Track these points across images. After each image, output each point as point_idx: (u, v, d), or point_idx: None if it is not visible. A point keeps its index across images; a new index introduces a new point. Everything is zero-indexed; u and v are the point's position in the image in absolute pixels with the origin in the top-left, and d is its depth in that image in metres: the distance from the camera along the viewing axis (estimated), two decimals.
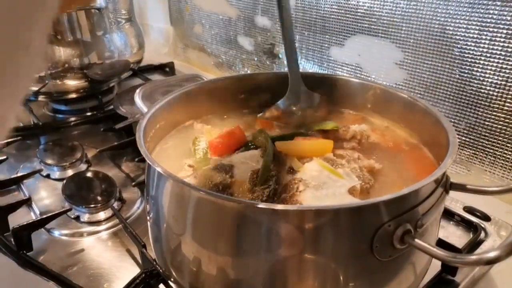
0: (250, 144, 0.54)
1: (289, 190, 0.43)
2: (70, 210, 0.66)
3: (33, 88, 0.95)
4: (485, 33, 0.65)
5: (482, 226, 0.61)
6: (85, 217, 0.67)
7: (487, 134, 0.69)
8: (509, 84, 0.64)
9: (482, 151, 0.71)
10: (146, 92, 0.63)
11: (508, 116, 0.65)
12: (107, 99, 1.08)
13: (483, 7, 0.64)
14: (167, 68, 1.31)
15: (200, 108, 0.64)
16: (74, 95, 1.02)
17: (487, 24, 0.64)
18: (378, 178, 0.50)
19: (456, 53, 0.69)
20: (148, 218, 0.49)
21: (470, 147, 0.72)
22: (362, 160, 0.51)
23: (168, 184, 0.42)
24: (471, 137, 0.71)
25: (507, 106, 0.65)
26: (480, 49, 0.66)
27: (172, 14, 1.42)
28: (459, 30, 0.68)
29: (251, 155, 0.50)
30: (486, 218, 0.63)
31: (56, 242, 0.63)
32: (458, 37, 0.68)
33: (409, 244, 0.37)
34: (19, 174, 0.77)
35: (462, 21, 0.67)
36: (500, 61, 0.64)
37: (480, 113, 0.69)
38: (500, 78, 0.65)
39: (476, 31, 0.66)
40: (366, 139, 0.56)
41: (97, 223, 0.66)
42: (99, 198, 0.69)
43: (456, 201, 0.65)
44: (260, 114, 0.63)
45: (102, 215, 0.67)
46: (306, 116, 0.62)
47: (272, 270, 0.38)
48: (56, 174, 0.78)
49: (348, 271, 0.38)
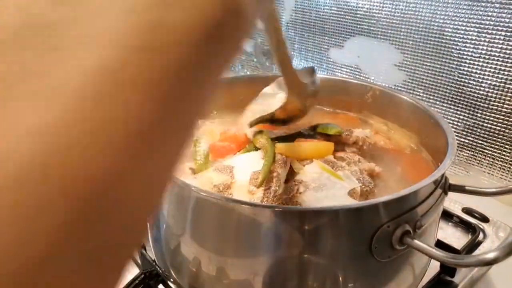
0: (251, 145, 0.54)
1: (289, 192, 0.44)
2: None
3: None
4: (483, 34, 0.65)
5: (481, 227, 0.61)
6: None
7: (485, 136, 0.69)
8: (507, 85, 0.64)
9: (480, 152, 0.71)
10: None
11: (506, 118, 0.66)
12: None
13: (482, 9, 0.64)
14: None
15: None
16: None
17: (486, 26, 0.64)
18: (378, 181, 0.50)
19: (455, 54, 0.69)
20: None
21: (469, 149, 0.72)
22: (362, 162, 0.51)
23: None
24: (470, 138, 0.71)
25: (506, 108, 0.65)
26: (479, 50, 0.66)
27: None
28: (458, 31, 0.68)
29: (252, 156, 0.50)
30: (485, 219, 0.63)
31: None
32: (457, 38, 0.68)
33: (408, 245, 0.37)
34: None
35: (461, 22, 0.67)
36: (499, 62, 0.64)
37: (478, 114, 0.69)
38: (498, 80, 0.65)
39: (475, 33, 0.66)
40: (368, 146, 0.56)
41: None
42: None
43: (454, 202, 0.66)
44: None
45: None
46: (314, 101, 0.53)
47: (272, 270, 0.38)
48: None
49: (347, 271, 0.38)
